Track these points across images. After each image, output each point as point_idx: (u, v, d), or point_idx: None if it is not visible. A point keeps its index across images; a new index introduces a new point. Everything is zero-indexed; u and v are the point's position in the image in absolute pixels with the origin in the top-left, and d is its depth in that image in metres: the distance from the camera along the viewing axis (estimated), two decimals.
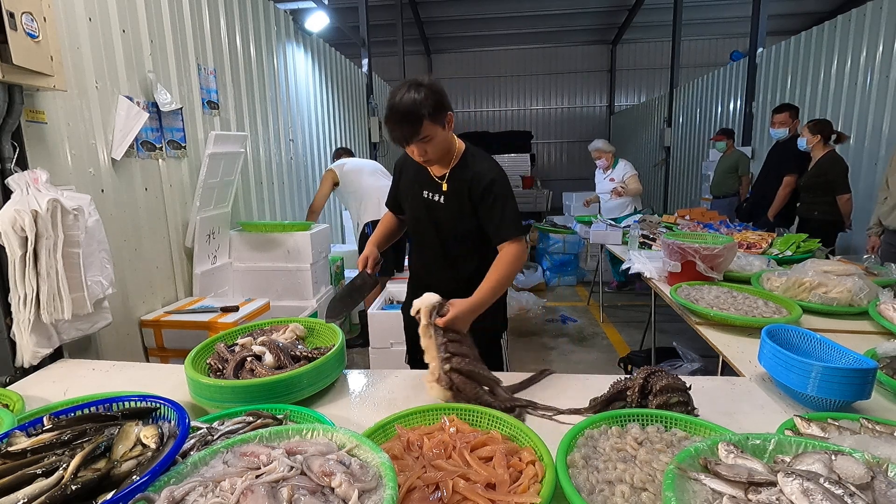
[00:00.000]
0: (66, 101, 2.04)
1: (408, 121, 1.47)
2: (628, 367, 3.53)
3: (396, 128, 1.50)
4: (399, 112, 1.47)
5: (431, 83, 1.51)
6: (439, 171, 1.68)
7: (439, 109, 1.51)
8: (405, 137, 1.51)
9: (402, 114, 1.47)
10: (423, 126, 1.48)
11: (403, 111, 1.46)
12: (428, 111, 1.47)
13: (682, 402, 1.20)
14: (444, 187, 1.68)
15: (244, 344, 1.56)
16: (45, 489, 0.83)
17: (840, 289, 2.04)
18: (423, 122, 1.48)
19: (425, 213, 1.75)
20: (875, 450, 0.89)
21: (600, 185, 5.48)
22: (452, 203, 1.68)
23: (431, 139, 1.53)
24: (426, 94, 1.47)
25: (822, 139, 3.75)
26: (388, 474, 0.84)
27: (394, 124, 1.50)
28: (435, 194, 1.70)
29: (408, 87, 1.48)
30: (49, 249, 1.62)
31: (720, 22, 11.41)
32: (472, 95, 13.78)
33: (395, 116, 1.48)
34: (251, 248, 3.39)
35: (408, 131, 1.49)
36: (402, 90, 1.48)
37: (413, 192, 1.77)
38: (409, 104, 1.45)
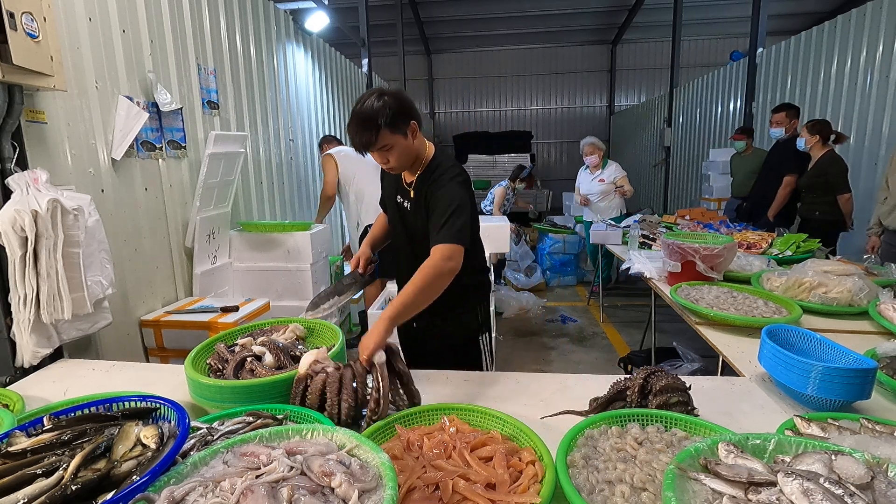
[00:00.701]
0: (66, 101, 2.04)
1: (365, 128, 1.49)
2: (628, 367, 3.53)
3: (355, 135, 1.52)
4: (358, 119, 1.49)
5: (396, 92, 1.53)
6: (409, 177, 1.69)
7: (400, 118, 1.51)
8: (363, 145, 1.53)
9: (360, 121, 1.49)
10: (380, 135, 1.49)
11: (362, 119, 1.48)
12: (385, 120, 1.47)
13: (681, 402, 1.20)
14: (411, 194, 1.68)
15: (244, 344, 1.56)
16: (45, 489, 0.83)
17: (840, 289, 2.04)
18: (380, 130, 1.48)
19: (399, 218, 1.77)
20: (875, 450, 0.89)
21: (587, 186, 5.41)
22: (419, 209, 1.66)
23: (391, 148, 1.54)
24: (386, 103, 1.48)
25: (821, 139, 3.75)
26: (388, 474, 0.84)
27: (353, 131, 1.52)
28: (405, 201, 1.72)
29: (370, 95, 1.50)
30: (49, 249, 1.62)
31: (720, 22, 11.41)
32: (472, 95, 13.78)
33: (354, 123, 1.50)
34: (251, 248, 3.39)
35: (365, 139, 1.51)
36: (364, 98, 1.50)
37: (390, 196, 1.80)
38: (368, 112, 1.47)
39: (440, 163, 1.68)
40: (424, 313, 1.83)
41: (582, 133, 13.72)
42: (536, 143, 13.38)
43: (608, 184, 5.20)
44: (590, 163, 5.31)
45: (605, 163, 5.29)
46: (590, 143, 5.25)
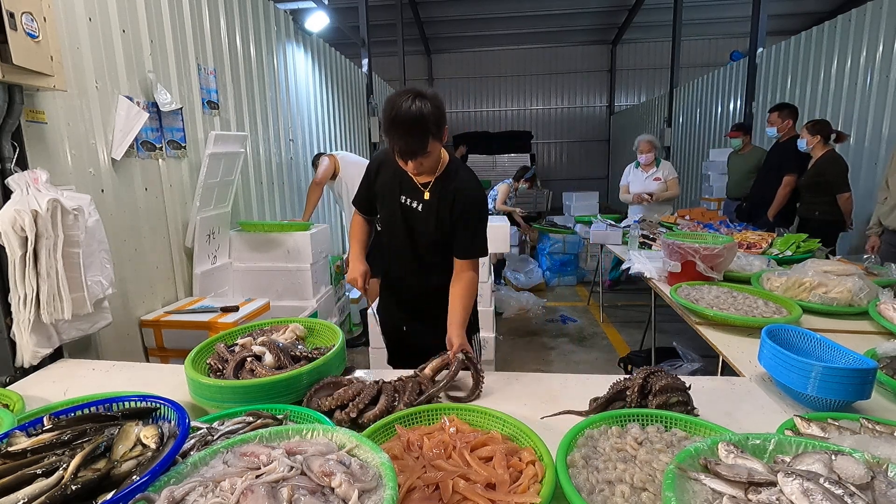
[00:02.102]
0: (66, 101, 2.04)
1: (415, 136, 1.42)
2: (628, 367, 3.53)
3: (402, 142, 1.43)
4: (407, 126, 1.40)
5: (434, 95, 1.45)
6: (423, 178, 1.64)
7: (441, 124, 1.46)
8: (410, 153, 1.45)
9: (409, 128, 1.40)
10: (429, 144, 1.45)
11: (411, 125, 1.39)
12: (433, 128, 1.43)
13: (681, 402, 1.20)
14: (426, 195, 1.64)
15: (244, 344, 1.56)
16: (45, 489, 0.83)
17: (840, 289, 2.04)
18: (429, 139, 1.43)
19: (401, 218, 1.71)
20: (875, 450, 0.89)
21: (640, 184, 5.02)
22: (431, 213, 1.65)
23: (431, 154, 1.50)
24: (432, 108, 1.40)
25: (822, 139, 3.75)
26: (388, 474, 0.84)
27: (399, 138, 1.43)
28: (414, 201, 1.67)
29: (411, 97, 1.40)
30: (49, 249, 1.62)
31: (720, 22, 11.41)
32: (472, 95, 13.78)
33: (402, 130, 1.41)
34: (251, 248, 3.39)
35: (414, 147, 1.43)
36: (405, 100, 1.40)
37: (391, 195, 1.71)
38: (417, 118, 1.38)
39: (458, 166, 1.68)
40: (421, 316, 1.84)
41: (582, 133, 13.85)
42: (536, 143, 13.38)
43: (663, 183, 4.91)
44: (644, 160, 4.98)
45: (658, 161, 5.03)
46: (646, 140, 4.94)
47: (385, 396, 1.27)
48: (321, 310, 3.52)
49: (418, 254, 1.76)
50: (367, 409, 1.25)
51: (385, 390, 1.30)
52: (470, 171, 1.73)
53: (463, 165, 1.73)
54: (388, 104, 1.43)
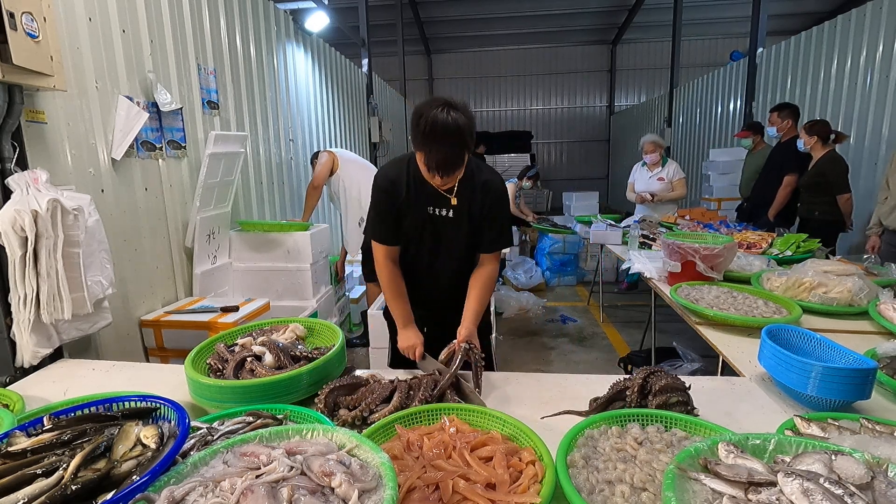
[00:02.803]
0: (66, 101, 2.04)
1: (456, 146, 1.38)
2: (628, 367, 3.53)
3: (440, 153, 1.38)
4: (449, 140, 1.35)
5: (465, 106, 1.40)
6: (446, 185, 1.58)
7: (474, 135, 1.43)
8: (452, 165, 1.40)
9: (452, 142, 1.36)
10: (465, 155, 1.43)
11: (453, 139, 1.35)
12: (469, 140, 1.40)
13: (681, 402, 1.20)
14: (452, 201, 1.61)
15: (244, 344, 1.56)
16: (45, 489, 0.83)
17: (840, 289, 2.04)
18: (466, 151, 1.41)
19: (428, 228, 1.68)
20: (875, 450, 0.89)
21: (644, 183, 5.05)
22: (462, 215, 1.64)
23: (463, 165, 1.48)
24: (468, 119, 1.37)
25: (819, 140, 3.75)
26: (388, 474, 0.84)
27: (439, 149, 1.38)
28: (442, 209, 1.64)
29: (446, 109, 1.35)
30: (49, 249, 1.62)
31: (720, 22, 11.42)
32: (472, 95, 13.77)
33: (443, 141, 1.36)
34: (251, 248, 3.38)
35: (454, 159, 1.40)
36: (440, 112, 1.35)
37: (416, 208, 1.64)
38: (456, 129, 1.35)
39: (475, 163, 1.67)
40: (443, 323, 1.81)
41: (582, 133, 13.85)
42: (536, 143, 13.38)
43: (667, 183, 4.92)
44: (649, 160, 5.01)
45: (665, 161, 5.03)
46: (651, 141, 4.97)
47: (399, 394, 1.29)
48: (321, 310, 3.52)
49: (447, 262, 1.75)
50: (378, 409, 1.26)
51: (399, 388, 1.31)
52: (491, 169, 1.75)
53: (481, 163, 1.73)
54: (420, 116, 1.38)
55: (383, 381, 1.35)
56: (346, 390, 1.33)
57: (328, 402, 1.28)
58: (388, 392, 1.30)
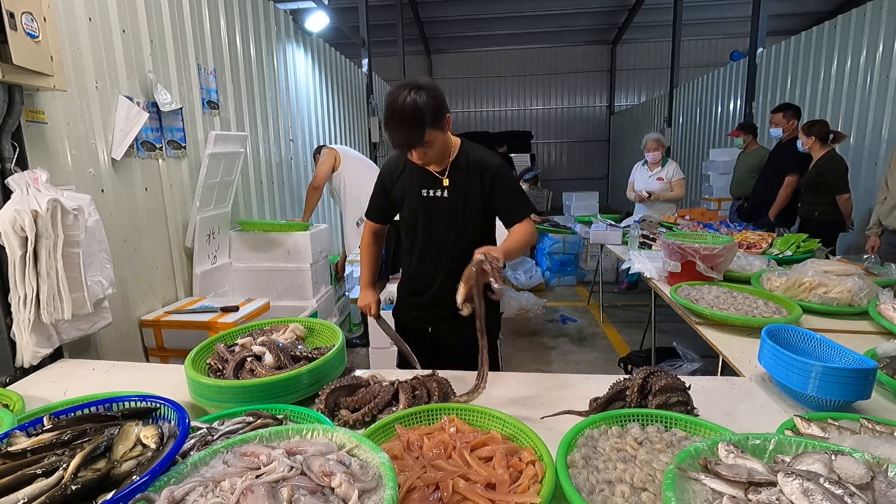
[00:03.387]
0: (66, 101, 2.04)
1: (411, 127, 1.46)
2: (628, 367, 3.53)
3: (399, 133, 1.48)
4: (401, 117, 1.45)
5: (431, 85, 1.50)
6: (437, 167, 1.69)
7: (440, 114, 1.51)
8: (408, 143, 1.50)
9: (404, 119, 1.44)
10: (424, 133, 1.48)
11: (406, 117, 1.44)
12: (430, 118, 1.47)
13: (681, 402, 1.20)
14: (444, 182, 1.68)
15: (244, 344, 1.56)
16: (45, 489, 0.82)
17: (840, 289, 2.04)
18: (425, 128, 1.47)
19: (424, 212, 1.73)
20: (875, 450, 0.89)
21: (643, 182, 5.05)
22: (457, 194, 1.67)
23: (432, 143, 1.54)
24: (428, 98, 1.45)
25: (819, 140, 3.75)
26: (388, 474, 0.84)
27: (395, 130, 1.48)
28: (436, 190, 1.70)
29: (408, 90, 1.45)
30: (49, 249, 1.62)
31: (720, 22, 11.42)
32: (472, 95, 13.79)
33: (397, 121, 1.46)
34: (251, 248, 3.38)
35: (411, 138, 1.48)
36: (402, 93, 1.44)
37: (411, 193, 1.75)
38: (412, 109, 1.43)
39: (472, 147, 1.71)
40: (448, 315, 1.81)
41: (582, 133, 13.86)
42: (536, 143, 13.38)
43: (666, 183, 4.91)
44: (651, 159, 5.00)
45: (665, 161, 5.03)
46: (654, 139, 4.96)
47: (404, 396, 1.28)
48: (321, 310, 3.52)
49: (446, 245, 1.76)
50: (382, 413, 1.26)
51: (403, 390, 1.31)
52: (484, 149, 1.76)
53: (475, 144, 1.75)
54: (387, 98, 1.49)
55: (384, 383, 1.35)
56: (347, 391, 1.33)
57: (329, 403, 1.28)
58: (390, 395, 1.30)
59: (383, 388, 1.32)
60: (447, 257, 1.75)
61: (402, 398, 1.28)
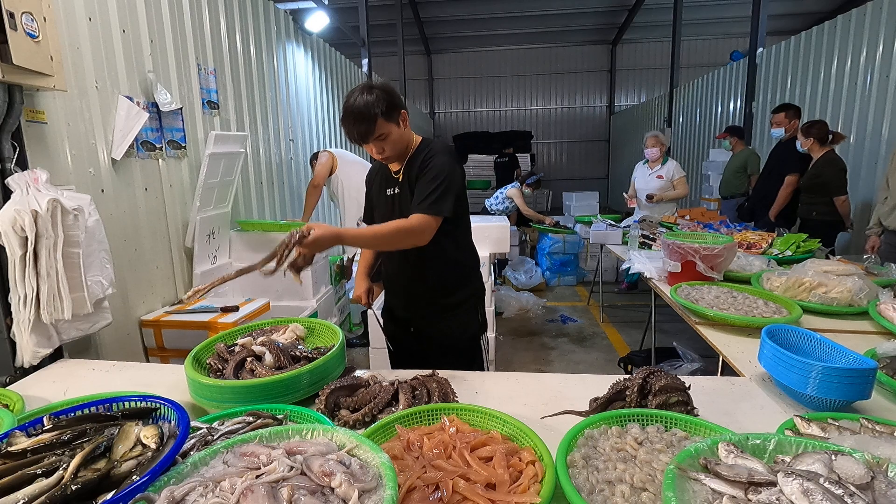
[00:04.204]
0: (66, 101, 2.04)
1: (362, 120, 1.55)
2: (628, 367, 3.53)
3: (352, 128, 1.58)
4: (353, 113, 1.55)
5: (383, 84, 1.61)
6: (396, 166, 1.75)
7: (392, 108, 1.58)
8: (360, 136, 1.58)
9: (356, 114, 1.55)
10: (377, 125, 1.55)
11: (357, 112, 1.54)
12: (381, 111, 1.54)
13: (681, 402, 1.20)
14: (400, 179, 1.73)
15: (244, 344, 1.56)
16: (45, 489, 0.82)
17: (840, 289, 2.04)
18: (376, 120, 1.55)
19: (389, 211, 1.78)
20: (875, 450, 0.89)
21: (643, 181, 5.03)
22: (405, 189, 1.71)
23: (387, 137, 1.60)
24: (378, 95, 1.55)
25: (816, 141, 3.75)
26: (388, 474, 0.84)
27: (349, 125, 1.58)
28: (395, 188, 1.76)
29: (361, 89, 1.57)
30: (49, 249, 1.62)
31: (720, 22, 11.42)
32: (472, 95, 13.79)
33: (350, 117, 1.56)
34: (251, 248, 3.38)
35: (363, 129, 1.56)
36: (355, 93, 1.57)
37: (379, 194, 1.84)
38: (362, 105, 1.54)
39: (430, 146, 1.72)
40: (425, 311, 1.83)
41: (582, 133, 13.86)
42: (536, 143, 13.39)
43: (666, 181, 4.86)
44: (649, 156, 4.95)
45: (665, 159, 4.96)
46: (652, 136, 4.93)
47: (404, 396, 1.29)
48: (321, 310, 3.52)
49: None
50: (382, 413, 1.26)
51: (403, 390, 1.31)
52: (439, 146, 1.71)
53: (437, 144, 1.74)
54: (345, 98, 1.61)
55: (384, 383, 1.35)
56: (347, 391, 1.33)
57: (329, 403, 1.28)
58: (390, 395, 1.30)
59: (383, 388, 1.32)
60: (412, 256, 1.71)
61: (402, 398, 1.28)
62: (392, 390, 1.32)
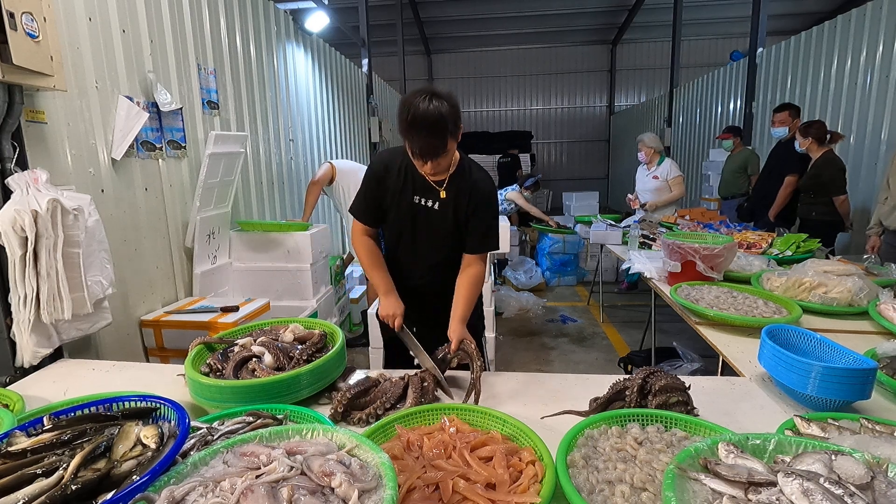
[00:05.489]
0: (66, 101, 2.04)
1: (437, 135, 1.42)
2: (628, 367, 3.53)
3: (423, 141, 1.43)
4: (427, 126, 1.40)
5: (449, 95, 1.45)
6: (437, 177, 1.62)
7: (458, 122, 1.46)
8: (431, 152, 1.45)
9: (431, 128, 1.40)
10: (448, 142, 1.45)
11: (431, 125, 1.40)
12: (452, 128, 1.43)
13: (681, 402, 1.20)
14: (441, 194, 1.64)
15: (244, 344, 1.55)
16: (45, 489, 0.83)
17: (840, 289, 2.04)
18: (448, 138, 1.44)
19: (412, 218, 1.70)
20: (875, 450, 0.89)
21: (642, 182, 5.07)
22: (448, 210, 1.66)
23: (448, 154, 1.51)
24: (450, 107, 1.41)
25: (816, 141, 3.75)
26: (388, 474, 0.84)
27: (421, 137, 1.43)
28: (429, 200, 1.66)
29: (428, 98, 1.40)
30: (49, 249, 1.62)
31: (720, 22, 11.42)
32: (472, 95, 13.78)
33: (424, 130, 1.41)
34: (251, 248, 3.38)
35: (435, 146, 1.44)
36: (421, 101, 1.40)
37: (401, 196, 1.68)
38: (437, 118, 1.39)
39: (470, 163, 1.70)
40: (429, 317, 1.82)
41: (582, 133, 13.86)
42: (536, 143, 13.38)
43: (662, 181, 4.86)
44: (641, 158, 5.01)
45: (662, 159, 4.97)
46: (639, 140, 4.98)
47: (413, 391, 1.32)
48: (321, 310, 3.52)
49: (429, 254, 1.76)
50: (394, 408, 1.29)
51: (413, 384, 1.34)
52: (482, 169, 1.75)
53: (475, 163, 1.74)
54: (405, 105, 1.43)
55: (393, 380, 1.38)
56: (362, 394, 1.35)
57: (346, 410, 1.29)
58: (401, 390, 1.33)
59: (393, 384, 1.36)
60: (430, 267, 1.76)
61: (410, 394, 1.30)
62: (402, 384, 1.35)
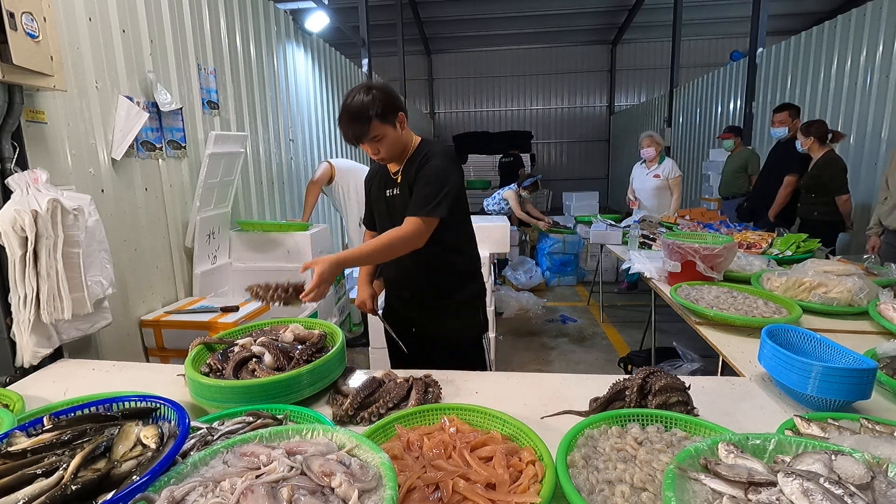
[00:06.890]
0: (66, 101, 2.04)
1: (357, 120, 1.56)
2: (628, 367, 3.53)
3: (347, 128, 1.59)
4: (349, 113, 1.57)
5: (383, 85, 1.62)
6: (395, 167, 1.75)
7: (389, 110, 1.58)
8: (355, 136, 1.60)
9: (351, 115, 1.56)
10: (371, 126, 1.56)
11: (353, 112, 1.56)
12: (376, 112, 1.55)
13: (681, 402, 1.20)
14: (398, 180, 1.73)
15: (244, 344, 1.55)
16: (45, 489, 0.82)
17: (840, 289, 2.04)
18: (370, 122, 1.56)
19: (387, 211, 1.79)
20: (875, 450, 0.89)
21: (641, 181, 5.05)
22: (405, 191, 1.71)
23: (382, 138, 1.61)
24: (375, 96, 1.56)
25: (816, 140, 3.75)
26: (388, 474, 0.84)
27: (345, 125, 1.59)
28: (394, 189, 1.76)
29: (359, 90, 1.57)
30: (49, 249, 1.62)
31: (720, 22, 11.43)
32: (472, 95, 13.79)
33: (345, 117, 1.58)
34: (251, 248, 3.38)
35: (357, 131, 1.58)
36: (353, 93, 1.58)
37: (379, 196, 1.84)
38: (359, 105, 1.55)
39: (429, 148, 1.72)
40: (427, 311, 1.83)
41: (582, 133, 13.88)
42: (536, 143, 13.39)
43: (663, 180, 4.86)
44: (645, 155, 4.95)
45: (663, 158, 4.95)
46: (647, 136, 4.94)
47: (416, 392, 1.32)
48: (321, 310, 3.52)
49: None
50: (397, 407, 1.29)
51: (416, 386, 1.35)
52: (438, 147, 1.72)
53: (435, 145, 1.74)
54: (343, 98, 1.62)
55: (398, 380, 1.39)
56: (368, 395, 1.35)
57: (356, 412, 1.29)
58: (405, 391, 1.34)
59: (398, 384, 1.36)
60: (412, 258, 1.71)
61: (413, 395, 1.31)
62: (407, 385, 1.35)
